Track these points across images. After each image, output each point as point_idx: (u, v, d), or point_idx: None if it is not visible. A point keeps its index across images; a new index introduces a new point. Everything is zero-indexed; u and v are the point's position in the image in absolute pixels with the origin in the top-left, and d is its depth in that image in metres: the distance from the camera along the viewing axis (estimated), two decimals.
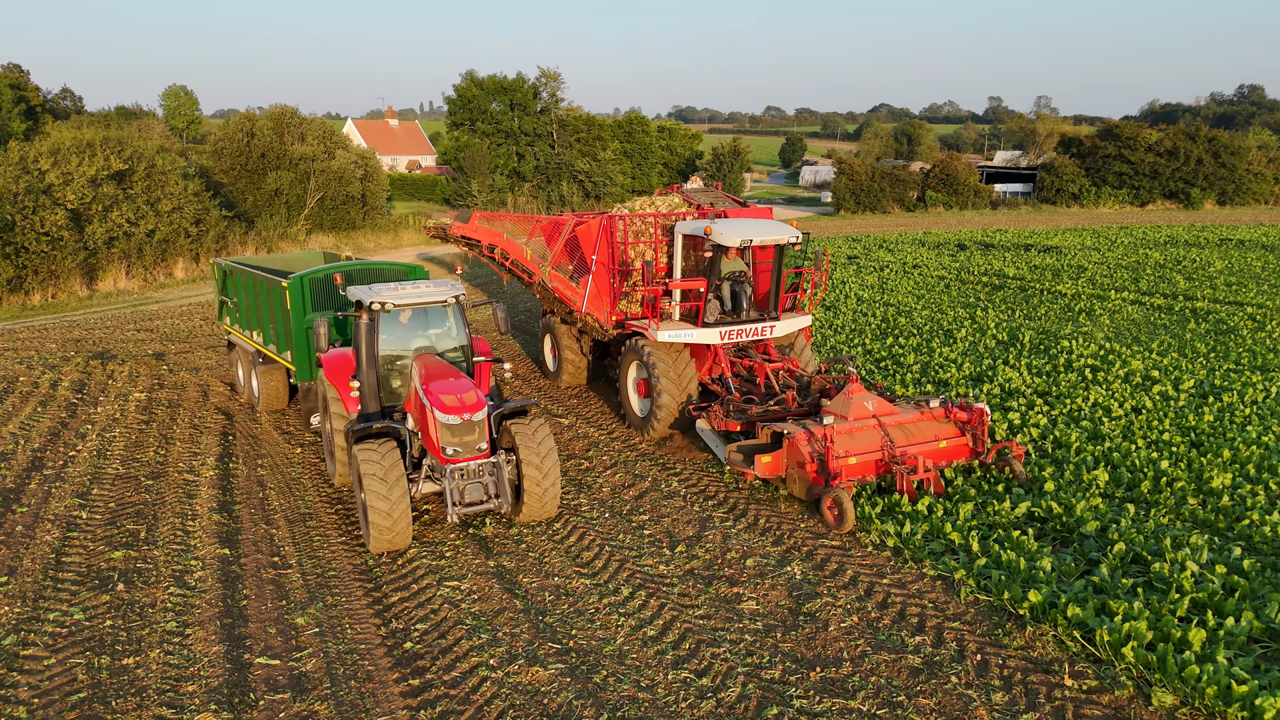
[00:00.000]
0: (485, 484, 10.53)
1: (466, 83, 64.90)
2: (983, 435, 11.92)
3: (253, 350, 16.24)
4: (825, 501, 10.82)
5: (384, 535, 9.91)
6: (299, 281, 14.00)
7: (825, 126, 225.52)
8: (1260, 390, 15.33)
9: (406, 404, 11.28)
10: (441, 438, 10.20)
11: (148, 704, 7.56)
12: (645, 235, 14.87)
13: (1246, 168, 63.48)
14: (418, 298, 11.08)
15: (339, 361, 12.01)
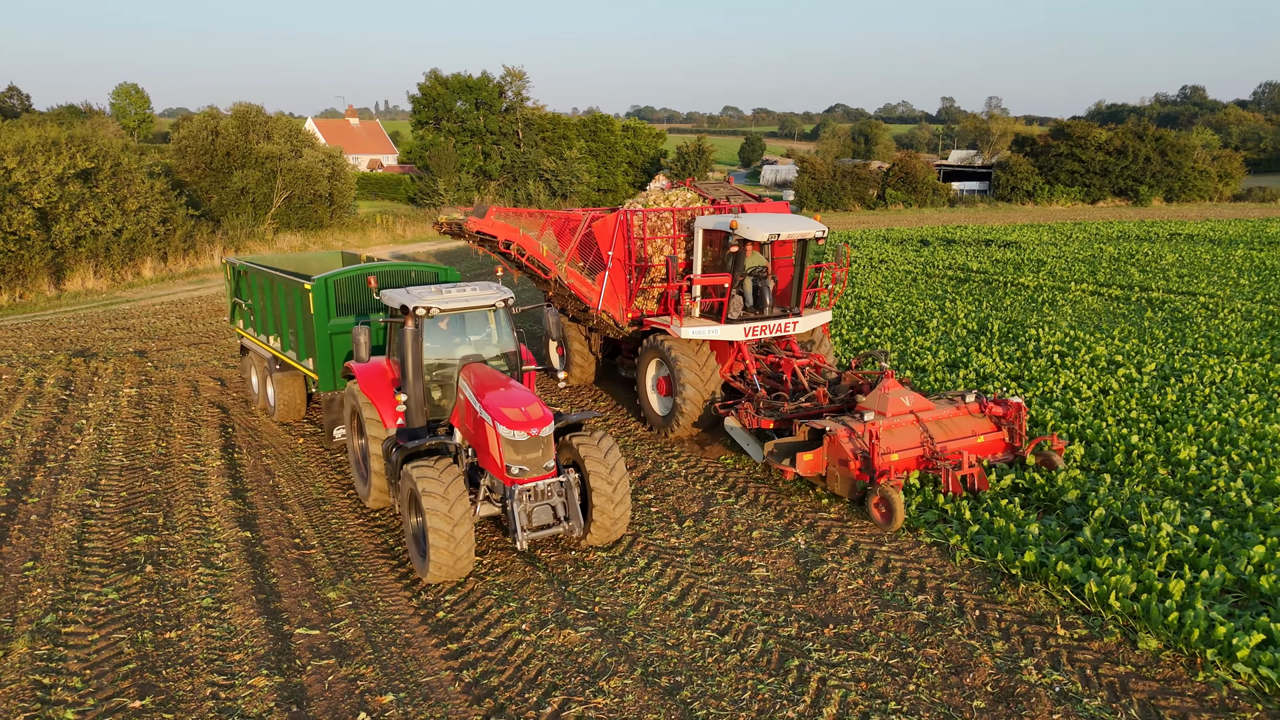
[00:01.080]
0: (554, 505, 9.59)
1: (431, 81, 64.86)
2: (1020, 430, 11.88)
3: (269, 356, 15.31)
4: (873, 499, 10.64)
5: (445, 564, 8.92)
6: (323, 283, 13.05)
7: (783, 126, 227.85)
8: (1217, 372, 16.28)
9: (453, 417, 10.37)
10: (506, 456, 9.24)
11: (198, 672, 7.88)
12: (662, 230, 14.65)
13: (1192, 166, 65.87)
14: (464, 301, 10.22)
15: (374, 372, 11.10)
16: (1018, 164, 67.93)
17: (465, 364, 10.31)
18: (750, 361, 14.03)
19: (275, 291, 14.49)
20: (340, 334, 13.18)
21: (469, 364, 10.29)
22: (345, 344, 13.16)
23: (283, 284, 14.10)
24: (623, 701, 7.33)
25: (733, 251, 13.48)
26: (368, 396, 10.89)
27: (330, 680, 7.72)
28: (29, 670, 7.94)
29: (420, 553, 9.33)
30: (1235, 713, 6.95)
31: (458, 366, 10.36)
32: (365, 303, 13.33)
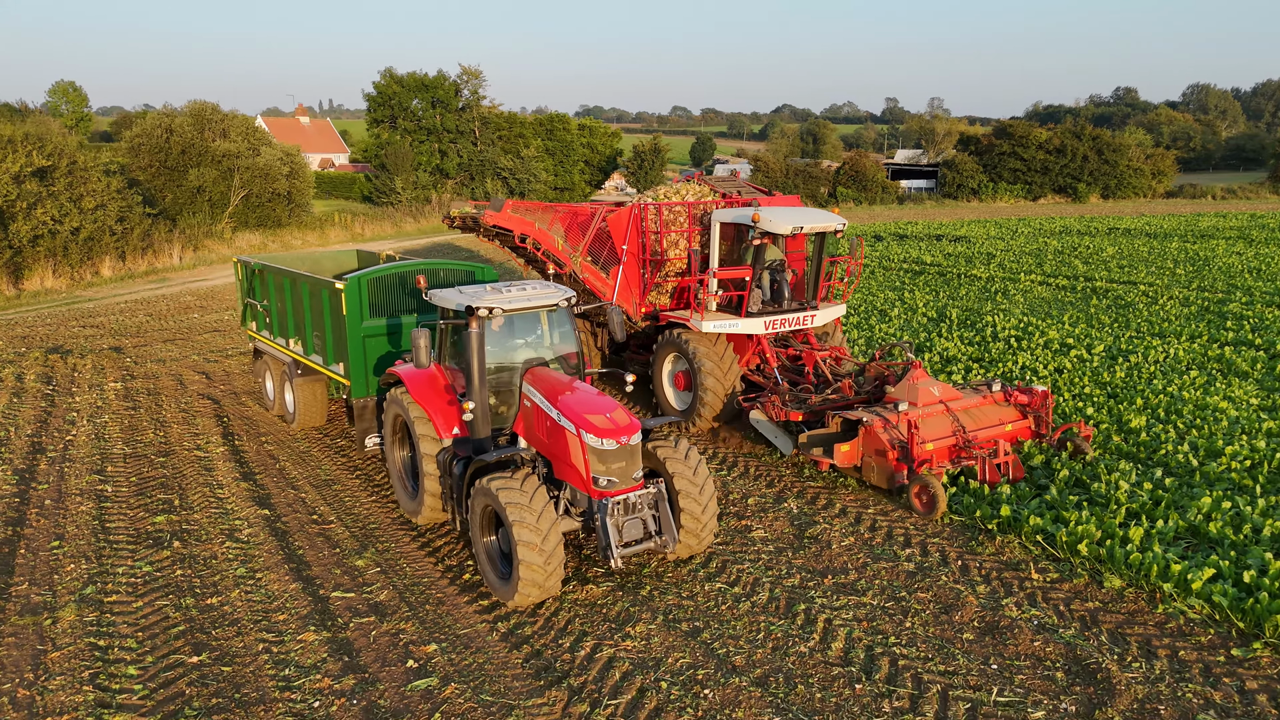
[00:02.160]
0: (644, 519, 8.97)
1: (387, 80, 64.59)
2: (1046, 417, 12.00)
3: (288, 360, 14.46)
4: (914, 489, 10.63)
5: (536, 586, 8.27)
6: (356, 283, 12.24)
7: (731, 126, 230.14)
8: (1160, 352, 17.54)
9: (515, 425, 9.75)
10: (593, 466, 8.63)
11: (246, 631, 8.37)
12: (676, 224, 14.49)
13: (1127, 164, 68.66)
14: (527, 301, 9.56)
15: (424, 378, 10.29)
16: (963, 162, 70.09)
17: (528, 368, 9.69)
18: (770, 355, 14.04)
19: (298, 292, 13.77)
20: (374, 337, 12.47)
21: (532, 368, 9.68)
22: (378, 347, 12.49)
23: (307, 284, 13.42)
24: (649, 644, 8.02)
25: (755, 244, 13.39)
26: (420, 405, 10.09)
27: (374, 635, 8.28)
28: (81, 635, 8.36)
29: (500, 574, 8.70)
30: (1191, 637, 7.88)
31: (519, 371, 9.72)
32: (398, 304, 12.69)
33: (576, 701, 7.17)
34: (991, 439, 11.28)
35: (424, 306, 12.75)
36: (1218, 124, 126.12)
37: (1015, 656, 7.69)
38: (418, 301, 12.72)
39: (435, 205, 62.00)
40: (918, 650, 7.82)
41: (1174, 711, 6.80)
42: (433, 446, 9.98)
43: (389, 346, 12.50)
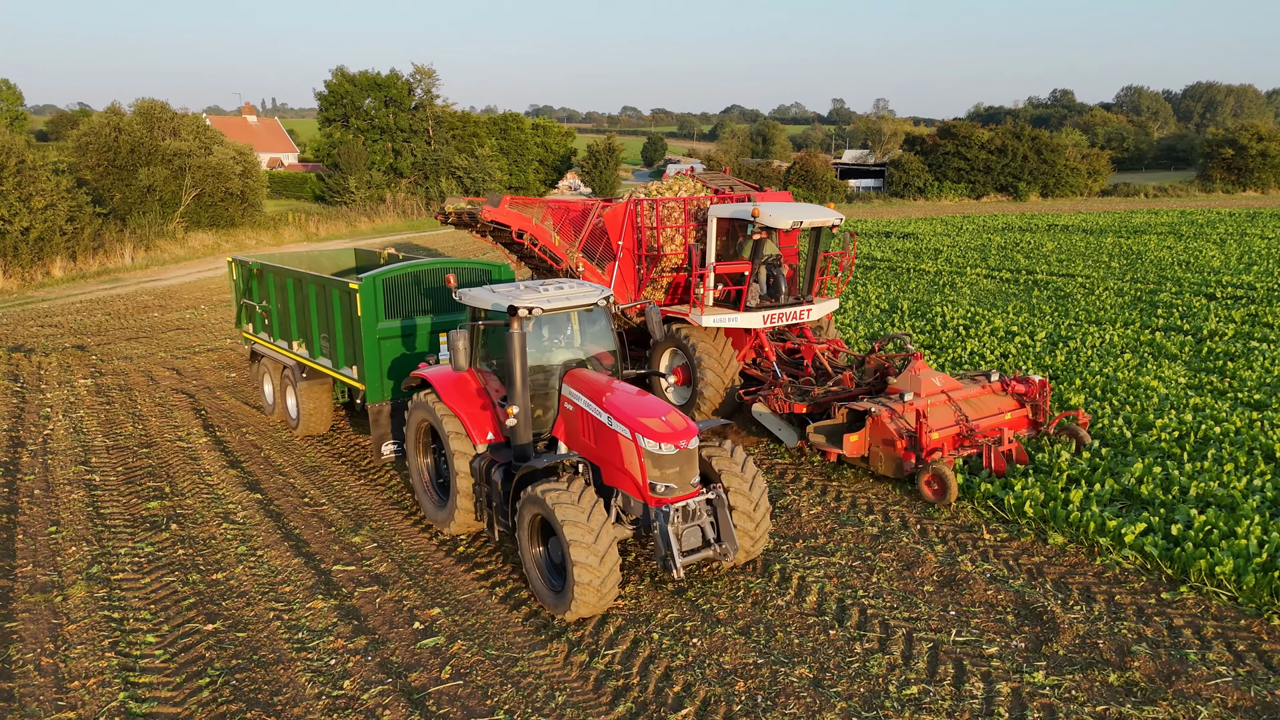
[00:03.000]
0: (702, 526, 8.60)
1: (338, 78, 64.14)
2: (1044, 406, 12.23)
3: (291, 363, 13.90)
4: (924, 477, 10.80)
5: (592, 598, 7.90)
6: (372, 283, 11.70)
7: (682, 127, 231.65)
8: (1097, 337, 18.69)
9: (555, 430, 9.44)
10: (650, 472, 8.33)
11: (255, 601, 8.81)
12: (671, 220, 14.56)
13: (1064, 163, 71.06)
14: (566, 300, 9.20)
15: (454, 381, 9.84)
16: (909, 162, 71.91)
17: (567, 369, 9.38)
18: (769, 349, 14.17)
19: (304, 292, 13.26)
20: (389, 338, 11.95)
21: (571, 369, 9.34)
22: (393, 349, 12.01)
23: (314, 284, 12.93)
24: (639, 602, 8.66)
25: (755, 239, 13.49)
26: (452, 409, 9.65)
27: (379, 602, 8.79)
28: (95, 609, 8.72)
29: (551, 586, 8.37)
30: (1125, 584, 8.76)
31: (558, 372, 9.39)
32: (413, 304, 12.22)
33: (576, 652, 7.78)
34: (995, 427, 11.54)
35: (440, 307, 12.34)
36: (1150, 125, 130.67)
37: (971, 604, 8.49)
38: (433, 302, 12.32)
39: (390, 205, 61.84)
40: (884, 601, 8.58)
41: (1111, 645, 7.63)
42: (466, 453, 9.59)
43: (404, 349, 12.08)
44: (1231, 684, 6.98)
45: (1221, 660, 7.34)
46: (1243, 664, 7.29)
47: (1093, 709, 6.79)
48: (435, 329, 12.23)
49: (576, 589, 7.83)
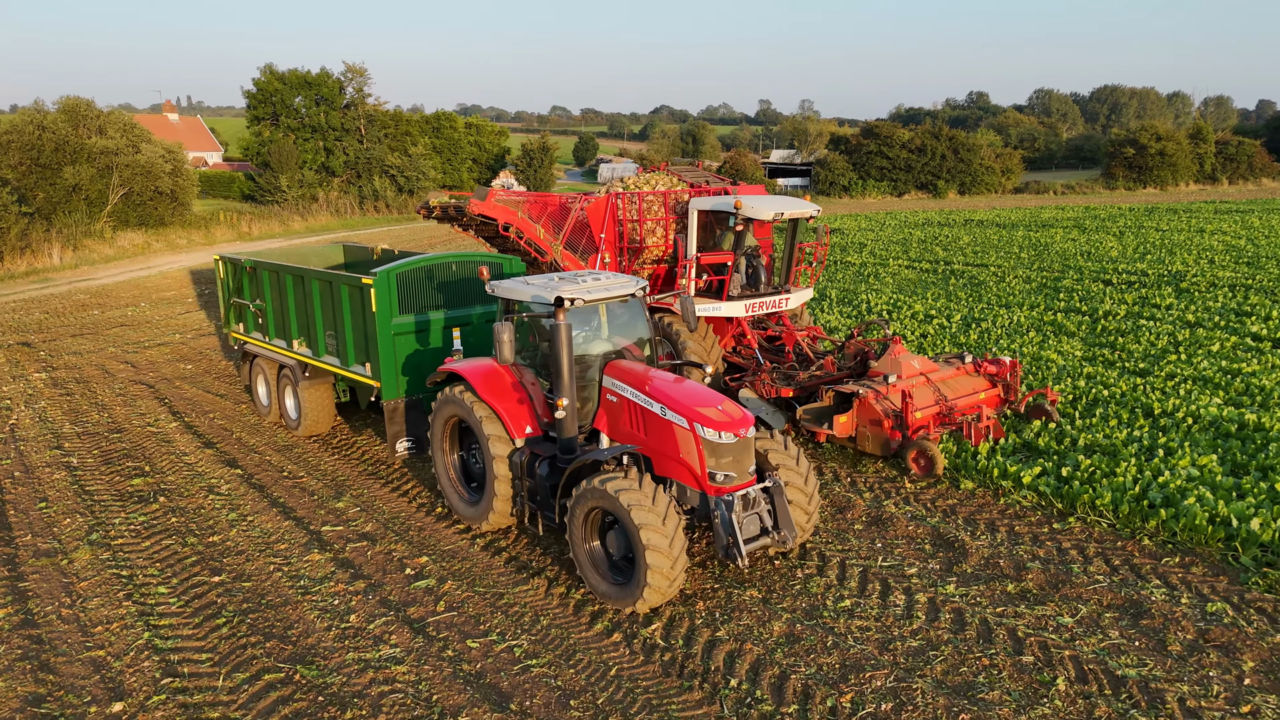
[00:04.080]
0: (760, 514, 8.63)
1: (267, 76, 63.45)
2: (1015, 385, 12.89)
3: (291, 363, 13.61)
4: (910, 454, 11.31)
5: (662, 588, 7.86)
6: (387, 278, 11.52)
7: (612, 126, 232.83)
8: (1006, 319, 20.45)
9: (597, 422, 9.39)
10: (708, 462, 8.38)
11: (254, 558, 9.61)
12: (651, 213, 14.89)
13: (980, 162, 74.43)
14: (605, 291, 9.25)
15: (490, 375, 9.70)
16: (834, 161, 74.42)
17: (606, 361, 9.37)
18: (751, 336, 14.55)
19: (306, 290, 13.06)
20: (403, 335, 11.81)
21: (611, 360, 9.35)
22: (407, 346, 11.88)
23: (318, 280, 12.75)
24: None
25: (738, 231, 13.93)
26: (489, 404, 9.51)
27: (370, 554, 9.68)
28: (102, 569, 9.41)
29: (610, 579, 8.36)
30: (1023, 518, 10.17)
31: (597, 364, 9.37)
32: (426, 299, 12.09)
33: (554, 586, 8.82)
34: (973, 406, 12.31)
35: (451, 301, 12.29)
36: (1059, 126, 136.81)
37: (895, 537, 9.80)
38: (445, 296, 12.24)
39: (323, 203, 61.50)
40: (820, 538, 9.82)
41: (1010, 563, 9.00)
42: (504, 448, 9.46)
43: (417, 344, 11.91)
44: (1106, 588, 8.39)
45: (1100, 571, 8.77)
46: (1117, 574, 8.72)
47: (993, 610, 8.12)
48: (448, 324, 12.15)
49: (650, 575, 7.72)
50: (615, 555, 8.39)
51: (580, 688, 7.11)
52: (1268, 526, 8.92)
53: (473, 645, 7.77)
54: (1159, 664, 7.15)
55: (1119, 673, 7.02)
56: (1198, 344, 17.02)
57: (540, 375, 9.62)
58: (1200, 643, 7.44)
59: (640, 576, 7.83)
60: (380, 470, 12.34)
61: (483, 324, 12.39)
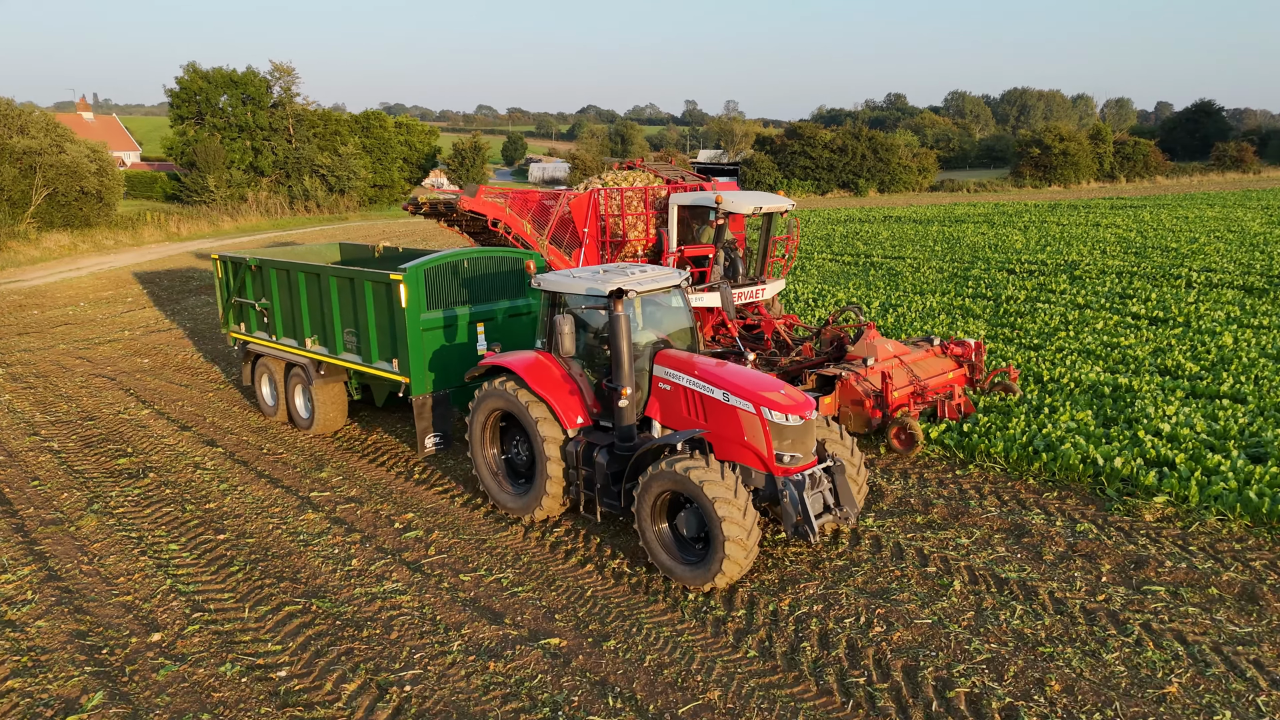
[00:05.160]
0: (824, 493, 8.92)
1: (190, 75, 62.54)
2: (980, 364, 13.83)
3: (304, 361, 13.52)
4: (892, 430, 11.98)
5: (739, 565, 8.19)
6: (416, 274, 11.51)
7: (539, 126, 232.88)
8: (921, 304, 22.35)
9: (649, 409, 9.55)
10: (775, 444, 8.66)
11: (252, 519, 10.59)
12: (632, 208, 15.51)
13: (898, 162, 77.69)
14: (654, 282, 9.46)
15: (539, 367, 9.81)
16: (760, 161, 76.74)
17: (656, 350, 9.58)
18: (732, 325, 14.99)
19: (322, 287, 12.96)
20: (431, 330, 11.84)
21: (660, 350, 9.58)
22: (434, 341, 11.92)
23: (336, 278, 12.69)
24: None
25: (718, 224, 14.62)
26: (540, 394, 9.64)
27: (360, 513, 10.74)
28: (110, 532, 10.28)
29: (681, 559, 8.59)
30: (931, 466, 11.75)
31: (648, 353, 9.55)
32: (452, 295, 12.09)
33: (531, 531, 10.04)
34: (944, 385, 13.18)
35: (476, 297, 12.33)
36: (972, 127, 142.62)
37: None
38: (470, 291, 12.30)
39: (252, 204, 60.99)
40: None
41: (919, 501, 10.56)
42: (555, 438, 9.61)
43: (444, 340, 11.97)
44: (997, 516, 10.01)
45: (992, 505, 10.40)
46: (1005, 506, 10.37)
47: (904, 536, 9.65)
48: (473, 319, 12.25)
49: (728, 547, 8.00)
50: (687, 536, 8.64)
51: (562, 606, 8.37)
52: (1128, 464, 10.68)
53: (465, 578, 8.96)
54: (1035, 569, 8.76)
55: (1003, 575, 8.60)
56: (1085, 323, 19.10)
57: (586, 366, 9.86)
58: (1069, 553, 9.09)
59: (717, 555, 8.09)
60: (355, 445, 13.33)
61: (506, 319, 12.55)
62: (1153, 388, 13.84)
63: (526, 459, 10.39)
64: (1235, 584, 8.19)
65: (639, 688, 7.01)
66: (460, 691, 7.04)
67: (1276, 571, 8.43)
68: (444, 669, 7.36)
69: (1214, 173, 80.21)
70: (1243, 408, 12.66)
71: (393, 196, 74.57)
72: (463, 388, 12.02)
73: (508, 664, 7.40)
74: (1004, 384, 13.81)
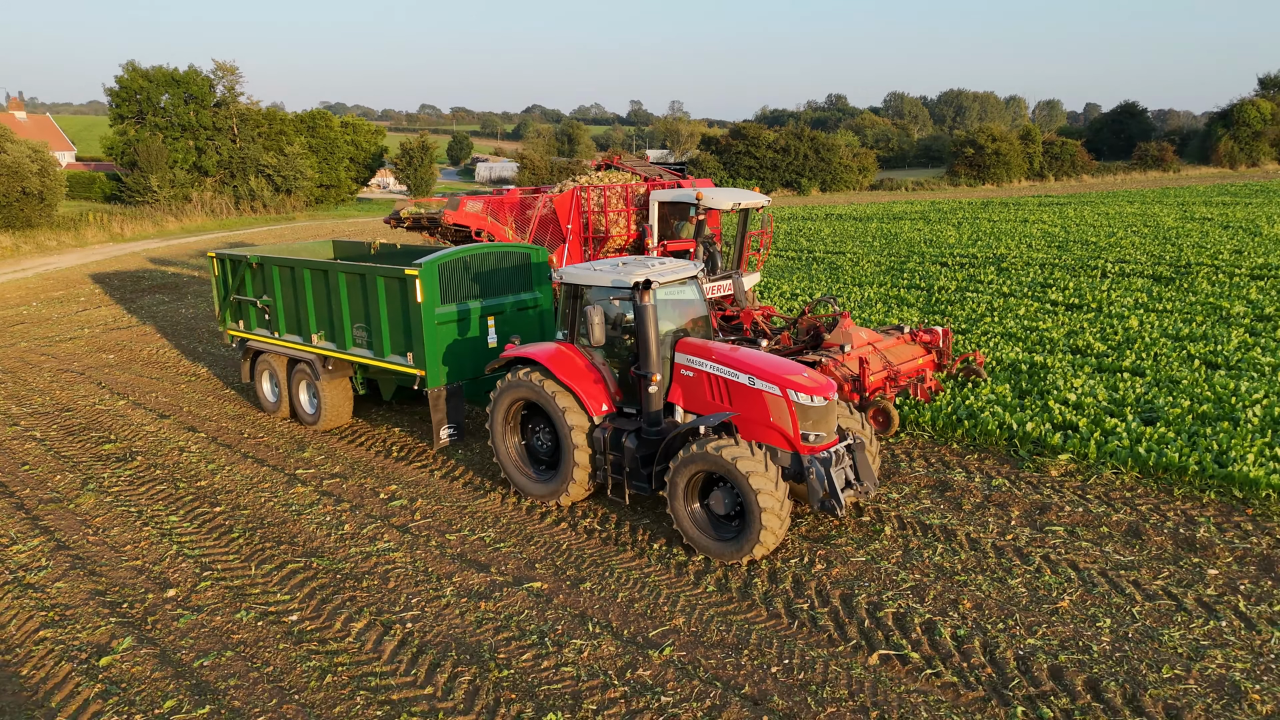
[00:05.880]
0: (845, 469, 9.44)
1: (131, 74, 61.69)
2: (947, 350, 14.45)
3: (310, 358, 13.71)
4: (869, 412, 12.42)
5: (775, 536, 8.66)
6: (432, 269, 11.79)
7: (484, 125, 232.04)
8: (860, 295, 23.77)
9: (671, 395, 9.87)
10: (801, 424, 9.09)
11: (244, 494, 11.34)
12: (613, 206, 16.00)
13: (839, 162, 79.89)
14: (674, 274, 9.91)
15: (562, 358, 10.15)
16: (706, 161, 78.21)
17: (676, 339, 9.98)
18: (713, 316, 15.60)
19: (330, 284, 13.14)
20: (445, 324, 12.14)
21: (680, 338, 9.98)
22: (449, 334, 12.21)
23: (345, 274, 12.87)
24: None
25: (699, 220, 15.30)
26: (566, 384, 9.99)
27: (346, 486, 11.57)
28: (110, 508, 10.96)
29: (716, 536, 9.04)
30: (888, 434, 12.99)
31: (668, 342, 9.90)
32: (463, 289, 12.41)
33: (508, 497, 10.99)
34: (916, 370, 13.84)
35: (486, 291, 12.69)
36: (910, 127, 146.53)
37: None
38: (480, 286, 12.65)
39: (197, 204, 60.45)
40: None
41: None
42: (582, 426, 9.96)
43: (457, 334, 12.32)
44: (924, 475, 11.25)
45: (920, 466, 11.64)
46: (932, 466, 11.61)
47: None
48: (484, 313, 12.59)
49: (765, 518, 8.48)
50: (719, 514, 9.06)
51: (541, 557, 9.36)
52: (1038, 428, 12.04)
53: (450, 538, 9.89)
54: (955, 516, 10.01)
55: (927, 522, 9.83)
56: (1009, 309, 20.66)
57: (608, 356, 10.26)
58: (984, 503, 10.36)
59: (754, 528, 8.59)
60: (335, 430, 14.10)
61: (513, 313, 12.97)
62: (1064, 364, 15.31)
63: (548, 446, 10.71)
64: (1123, 523, 9.53)
65: (614, 618, 8.05)
66: (456, 626, 7.99)
67: (1159, 513, 9.79)
68: (440, 609, 8.30)
69: (1136, 171, 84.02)
70: (1140, 380, 14.18)
71: (339, 196, 74.37)
72: (474, 380, 12.48)
73: (497, 604, 8.37)
74: (970, 368, 14.53)
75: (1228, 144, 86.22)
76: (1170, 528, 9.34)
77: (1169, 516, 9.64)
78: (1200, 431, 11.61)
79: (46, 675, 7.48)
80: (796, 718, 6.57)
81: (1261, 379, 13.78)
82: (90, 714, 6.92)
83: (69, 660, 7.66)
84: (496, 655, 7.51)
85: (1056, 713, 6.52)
